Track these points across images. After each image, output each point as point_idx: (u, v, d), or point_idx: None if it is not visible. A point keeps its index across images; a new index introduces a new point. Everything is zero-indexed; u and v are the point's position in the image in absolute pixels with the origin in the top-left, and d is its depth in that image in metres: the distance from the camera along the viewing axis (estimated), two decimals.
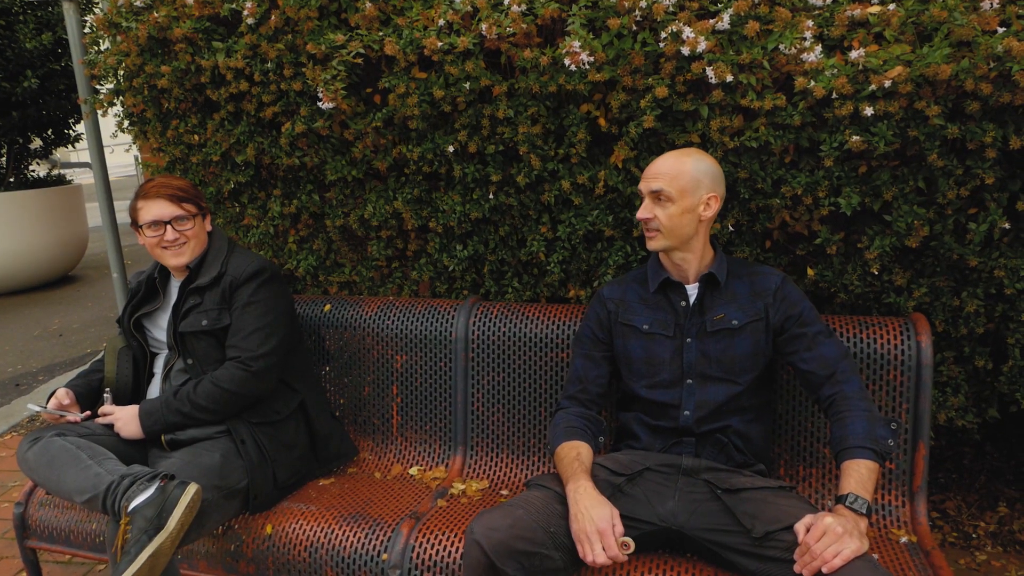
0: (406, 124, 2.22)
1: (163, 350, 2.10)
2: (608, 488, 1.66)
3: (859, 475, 1.53)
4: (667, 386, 1.77)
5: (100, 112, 2.76)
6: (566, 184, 2.11)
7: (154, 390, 2.09)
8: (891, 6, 1.75)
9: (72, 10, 3.04)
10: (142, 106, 2.54)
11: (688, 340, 1.76)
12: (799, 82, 1.76)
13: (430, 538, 1.79)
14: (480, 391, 2.21)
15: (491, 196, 2.25)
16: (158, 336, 2.10)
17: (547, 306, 2.20)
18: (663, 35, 1.82)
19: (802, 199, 1.96)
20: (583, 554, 1.50)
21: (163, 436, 1.97)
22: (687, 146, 1.95)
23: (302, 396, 2.14)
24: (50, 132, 6.66)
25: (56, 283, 6.91)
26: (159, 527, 1.61)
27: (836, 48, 1.80)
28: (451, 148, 2.17)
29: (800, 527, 1.44)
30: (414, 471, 2.22)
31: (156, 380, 2.10)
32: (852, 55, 1.72)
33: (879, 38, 1.77)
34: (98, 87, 2.85)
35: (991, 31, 1.68)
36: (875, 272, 2.03)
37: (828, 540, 1.37)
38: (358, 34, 2.09)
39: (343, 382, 2.38)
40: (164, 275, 2.14)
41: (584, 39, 1.86)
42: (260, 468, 1.94)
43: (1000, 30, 1.67)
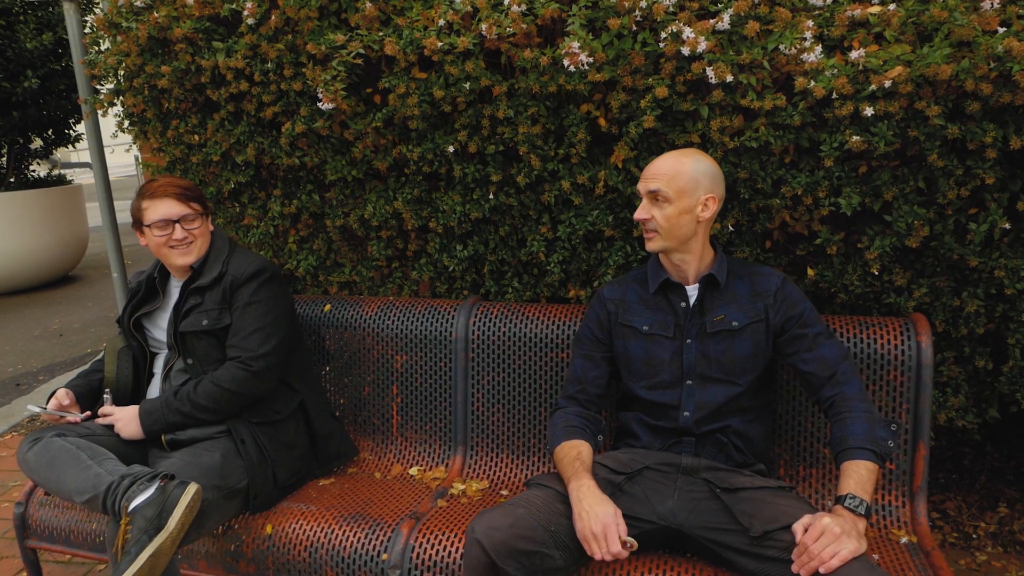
0: (406, 124, 2.22)
1: (163, 350, 2.10)
2: (608, 487, 1.66)
3: (858, 476, 1.53)
4: (667, 387, 1.77)
5: (100, 112, 2.76)
6: (566, 184, 2.11)
7: (154, 390, 2.09)
8: (891, 6, 1.75)
9: (72, 10, 3.04)
10: (142, 106, 2.54)
11: (688, 341, 1.76)
12: (799, 82, 1.76)
13: (430, 538, 1.79)
14: (480, 391, 2.21)
15: (491, 196, 2.25)
16: (158, 336, 2.10)
17: (547, 306, 2.20)
18: (663, 35, 1.82)
19: (802, 199, 1.96)
20: (590, 552, 1.51)
21: (163, 436, 1.97)
22: (687, 146, 1.95)
23: (302, 396, 2.14)
24: (50, 132, 6.66)
25: (56, 283, 6.91)
26: (159, 527, 1.61)
27: (836, 48, 1.80)
28: (451, 148, 2.17)
29: (798, 527, 1.44)
30: (414, 471, 2.22)
31: (156, 380, 2.10)
32: (852, 55, 1.72)
33: (879, 38, 1.77)
34: (98, 87, 2.85)
35: (991, 31, 1.67)
36: (875, 272, 2.03)
37: (826, 540, 1.37)
38: (358, 34, 2.09)
39: (343, 382, 2.38)
40: (164, 275, 2.14)
41: (583, 40, 1.86)
42: (260, 468, 1.94)
43: (1000, 30, 1.67)
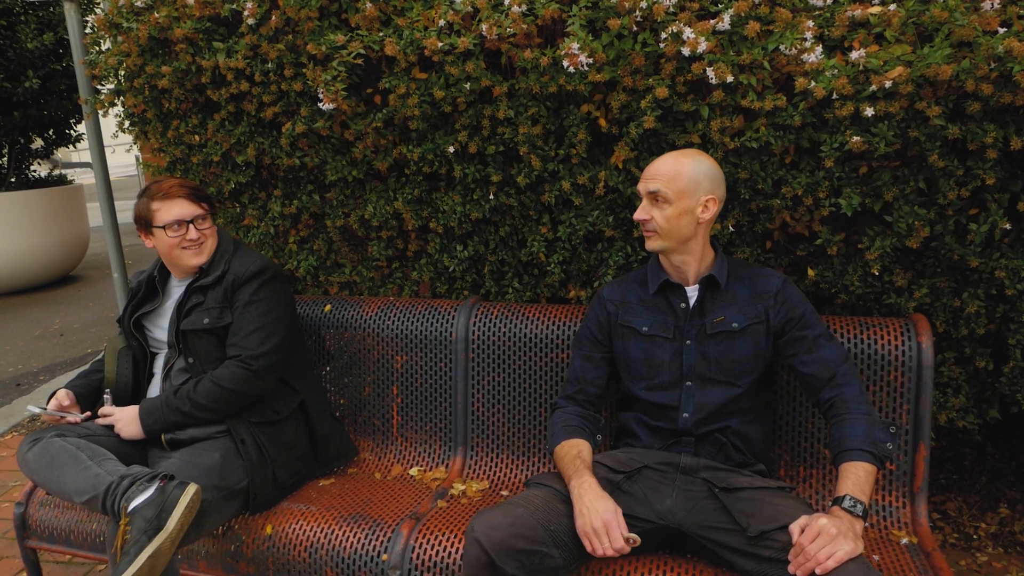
0: (406, 124, 2.21)
1: (163, 350, 2.10)
2: (607, 486, 1.66)
3: (856, 477, 1.53)
4: (666, 388, 1.77)
5: (101, 112, 2.76)
6: (566, 184, 2.11)
7: (154, 390, 2.09)
8: (892, 6, 1.75)
9: (73, 10, 3.04)
10: (143, 106, 2.54)
11: (688, 342, 1.76)
12: (799, 83, 1.75)
13: (430, 539, 1.78)
14: (480, 391, 2.21)
15: (491, 196, 2.25)
16: (158, 336, 2.10)
17: (547, 306, 2.20)
18: (663, 36, 1.82)
19: (803, 200, 1.95)
20: (590, 549, 1.51)
21: (163, 436, 1.97)
22: (687, 146, 1.94)
23: (302, 396, 2.14)
24: (51, 132, 6.66)
25: (57, 283, 6.91)
26: (159, 527, 1.61)
27: (837, 49, 1.80)
28: (451, 148, 2.17)
29: (795, 527, 1.44)
30: (414, 471, 2.22)
31: (156, 380, 2.10)
32: (853, 55, 1.72)
33: (880, 38, 1.76)
34: (99, 87, 2.85)
35: (992, 31, 1.67)
36: (876, 273, 2.03)
37: (822, 541, 1.37)
38: (358, 35, 2.09)
39: (343, 382, 2.38)
40: (163, 274, 2.14)
41: (583, 41, 1.86)
42: (260, 468, 1.94)
43: (1001, 30, 1.67)
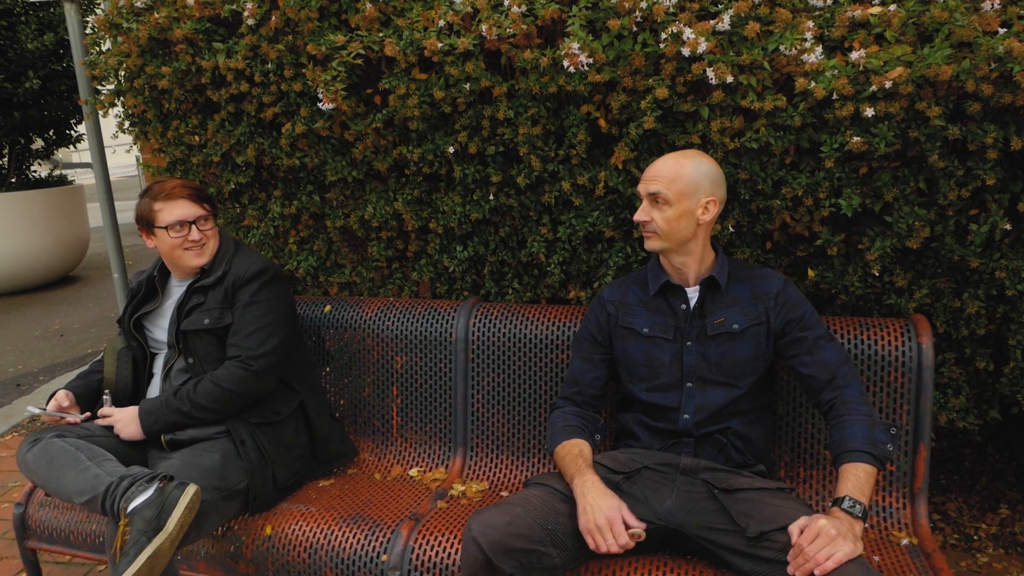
0: (406, 125, 2.21)
1: (163, 350, 2.10)
2: (606, 486, 1.66)
3: (856, 479, 1.53)
4: (667, 389, 1.77)
5: (101, 113, 2.76)
6: (566, 185, 2.11)
7: (154, 390, 2.09)
8: (892, 7, 1.75)
9: (73, 11, 3.04)
10: (143, 107, 2.54)
11: (688, 344, 1.75)
12: (799, 83, 1.75)
13: (429, 539, 1.78)
14: (480, 392, 2.20)
15: (491, 197, 2.25)
16: (158, 336, 2.10)
17: (547, 307, 2.20)
18: (663, 36, 1.82)
19: (803, 200, 1.95)
20: (593, 546, 1.50)
21: (163, 436, 1.97)
22: (687, 147, 1.94)
23: (302, 397, 2.13)
24: (52, 133, 6.66)
25: (57, 283, 6.91)
26: (158, 528, 1.61)
27: (837, 49, 1.80)
28: (451, 149, 2.17)
29: (794, 528, 1.44)
30: (414, 472, 2.22)
31: (156, 380, 2.10)
32: (853, 56, 1.72)
33: (880, 39, 1.76)
34: (99, 88, 2.85)
35: (992, 32, 1.67)
36: (876, 273, 2.03)
37: (821, 542, 1.37)
38: (358, 35, 2.09)
39: (343, 383, 2.38)
40: (163, 274, 2.14)
41: (583, 41, 1.85)
42: (259, 469, 1.93)
43: (1001, 31, 1.66)
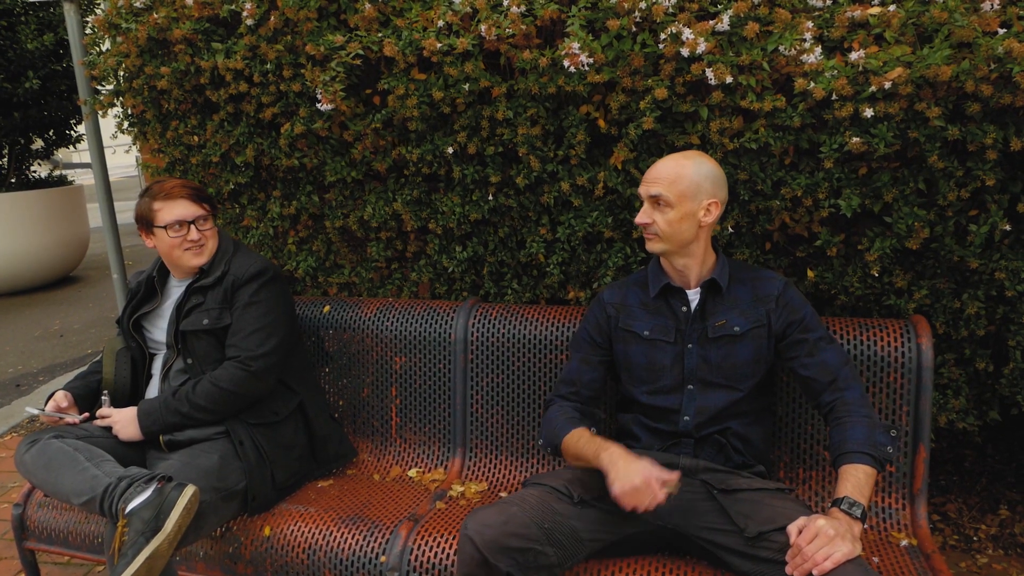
0: (405, 125, 2.21)
1: (161, 350, 2.10)
2: (605, 485, 1.65)
3: (856, 480, 1.52)
4: (668, 391, 1.76)
5: (100, 113, 2.76)
6: (565, 185, 2.11)
7: (152, 391, 2.09)
8: (891, 7, 1.74)
9: (73, 11, 3.04)
10: (142, 107, 2.54)
11: (689, 346, 1.75)
12: (799, 83, 1.75)
13: (428, 540, 1.78)
14: (479, 393, 2.20)
15: (490, 197, 2.25)
16: (157, 337, 2.10)
17: (546, 308, 2.20)
18: (663, 36, 1.82)
19: (802, 201, 1.95)
20: (631, 507, 1.51)
21: (161, 437, 1.97)
22: (687, 147, 1.94)
23: (301, 397, 2.13)
24: (51, 133, 6.66)
25: (57, 284, 6.91)
26: (156, 529, 1.61)
27: (836, 49, 1.80)
28: (450, 149, 2.17)
29: (792, 528, 1.44)
30: (413, 473, 2.22)
31: (155, 381, 2.10)
32: (852, 56, 1.71)
33: (879, 39, 1.76)
34: (98, 88, 2.85)
35: (992, 32, 1.67)
36: (875, 274, 2.02)
37: (820, 543, 1.37)
38: (357, 35, 2.09)
39: (342, 383, 2.37)
40: (162, 275, 2.14)
41: (583, 41, 1.85)
42: (258, 469, 1.93)
43: (1001, 31, 1.66)
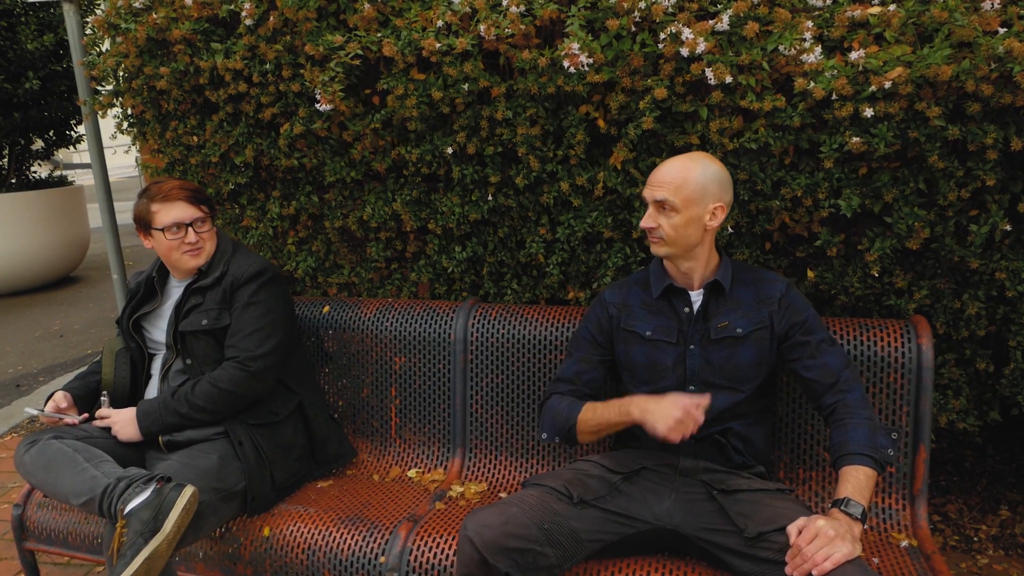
0: (405, 125, 2.21)
1: (161, 351, 2.10)
2: (605, 486, 1.66)
3: (857, 481, 1.52)
4: (669, 392, 1.76)
5: (100, 113, 2.75)
6: (565, 186, 2.10)
7: (152, 391, 2.09)
8: (891, 7, 1.74)
9: (72, 11, 3.04)
10: (141, 107, 2.54)
11: (691, 347, 1.75)
12: (799, 83, 1.75)
13: (428, 541, 1.78)
14: (479, 393, 2.20)
15: (490, 198, 2.25)
16: (156, 337, 2.10)
17: (546, 308, 2.19)
18: (662, 36, 1.81)
19: (802, 201, 1.95)
20: (675, 438, 1.52)
21: (160, 438, 1.97)
22: (687, 147, 1.94)
23: (300, 397, 2.13)
24: (52, 133, 6.66)
25: (57, 284, 6.91)
26: (155, 530, 1.61)
27: (836, 49, 1.80)
28: (450, 149, 2.17)
29: (792, 529, 1.44)
30: (412, 473, 2.22)
31: (154, 381, 2.10)
32: (852, 56, 1.71)
33: (879, 39, 1.76)
34: (98, 88, 2.85)
35: (992, 32, 1.67)
36: (876, 274, 2.02)
37: (819, 543, 1.37)
38: (356, 35, 2.09)
39: (342, 384, 2.37)
40: (162, 275, 2.14)
41: (583, 41, 1.85)
42: (258, 470, 1.93)
43: (1001, 31, 1.66)
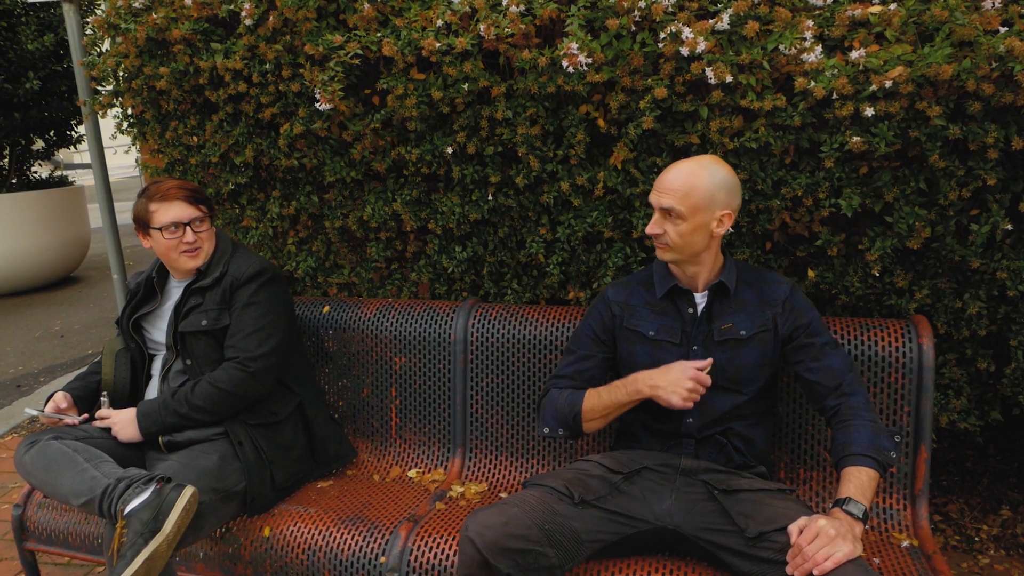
0: (404, 125, 2.21)
1: (161, 351, 2.10)
2: (605, 486, 1.65)
3: (859, 481, 1.52)
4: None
5: (100, 114, 2.75)
6: (565, 185, 2.10)
7: (152, 392, 2.09)
8: (892, 6, 1.74)
9: (72, 11, 3.04)
10: (141, 107, 2.54)
11: (695, 348, 1.74)
12: (799, 82, 1.74)
13: (428, 541, 1.78)
14: (479, 393, 2.20)
15: (490, 197, 2.24)
16: (156, 337, 2.10)
17: (546, 308, 2.19)
18: (662, 35, 1.81)
19: (802, 200, 1.94)
20: (691, 406, 1.61)
21: (160, 438, 1.96)
22: (687, 147, 1.93)
23: (300, 398, 2.13)
24: (52, 133, 6.66)
25: (58, 284, 6.91)
26: (155, 530, 1.61)
27: (836, 48, 1.79)
28: (450, 149, 2.16)
29: (793, 528, 1.43)
30: (413, 473, 2.21)
31: (154, 382, 2.09)
32: (853, 55, 1.71)
33: (880, 38, 1.76)
34: (98, 88, 2.85)
35: (993, 31, 1.66)
36: (876, 274, 2.02)
37: (820, 542, 1.37)
38: (356, 35, 2.09)
39: (342, 384, 2.37)
40: (162, 275, 2.14)
41: (582, 41, 1.85)
42: (258, 470, 1.93)
43: (1002, 30, 1.66)
